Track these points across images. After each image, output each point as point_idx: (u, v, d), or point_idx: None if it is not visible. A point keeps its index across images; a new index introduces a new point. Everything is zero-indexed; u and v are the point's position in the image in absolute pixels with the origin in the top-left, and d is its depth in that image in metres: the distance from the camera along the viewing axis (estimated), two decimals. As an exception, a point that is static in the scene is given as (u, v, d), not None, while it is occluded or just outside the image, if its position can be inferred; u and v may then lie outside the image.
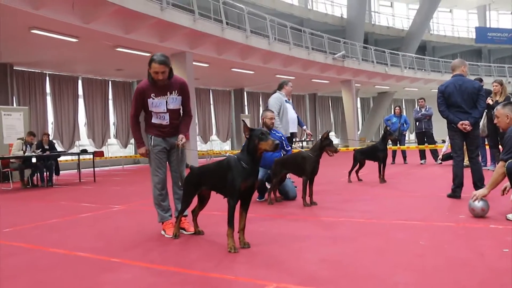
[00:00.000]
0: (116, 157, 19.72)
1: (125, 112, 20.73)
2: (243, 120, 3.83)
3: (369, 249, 3.47)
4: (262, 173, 6.23)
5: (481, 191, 4.51)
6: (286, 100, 7.66)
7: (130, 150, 21.35)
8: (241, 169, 3.53)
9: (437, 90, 6.02)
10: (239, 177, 3.51)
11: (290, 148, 6.77)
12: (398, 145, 12.71)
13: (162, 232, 4.33)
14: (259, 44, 17.50)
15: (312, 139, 15.61)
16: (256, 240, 3.84)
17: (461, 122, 5.62)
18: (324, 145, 5.79)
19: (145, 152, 4.32)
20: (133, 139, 20.19)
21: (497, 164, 9.06)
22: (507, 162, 4.27)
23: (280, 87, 7.56)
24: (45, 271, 3.31)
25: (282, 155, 6.49)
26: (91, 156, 12.24)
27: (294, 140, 8.23)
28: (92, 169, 12.27)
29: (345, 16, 31.44)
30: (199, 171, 4.05)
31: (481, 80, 9.05)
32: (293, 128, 7.69)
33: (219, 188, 3.81)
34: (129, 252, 3.72)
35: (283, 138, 6.67)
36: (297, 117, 8.30)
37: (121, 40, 13.48)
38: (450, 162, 10.98)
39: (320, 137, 5.90)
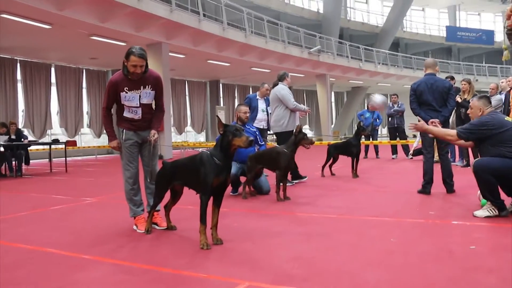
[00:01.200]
0: (89, 147, 19.39)
1: (99, 101, 20.32)
2: (217, 116, 3.76)
3: (342, 246, 3.47)
4: (236, 167, 6.20)
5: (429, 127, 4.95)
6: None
7: (103, 140, 20.99)
8: (213, 165, 3.48)
9: (409, 87, 6.08)
10: (211, 173, 3.46)
11: (264, 143, 6.74)
12: (371, 139, 12.83)
13: (134, 227, 4.25)
14: (235, 37, 17.40)
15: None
16: (229, 236, 3.80)
17: (431, 120, 5.67)
18: (299, 139, 5.77)
19: (116, 146, 4.21)
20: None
21: (465, 160, 9.26)
22: (475, 160, 4.34)
23: (282, 79, 7.48)
24: (9, 269, 3.15)
25: (256, 150, 6.46)
26: (63, 146, 11.96)
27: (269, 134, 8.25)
28: (64, 159, 11.98)
29: (321, 11, 31.51)
30: (172, 166, 3.98)
31: (452, 78, 9.20)
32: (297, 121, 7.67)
33: (192, 183, 3.76)
34: (99, 248, 3.62)
35: (257, 133, 6.64)
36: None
37: (96, 29, 13.19)
38: (421, 157, 11.15)
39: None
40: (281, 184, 5.75)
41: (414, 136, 14.54)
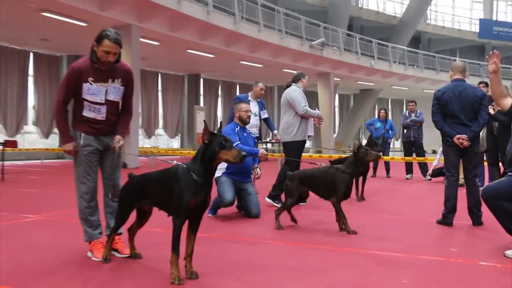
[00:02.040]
0: (34, 149, 19.19)
1: (49, 93, 20.16)
2: (204, 121, 3.77)
3: (342, 286, 3.49)
4: (232, 192, 6.23)
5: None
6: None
7: (53, 141, 20.86)
8: (191, 182, 3.49)
9: (430, 92, 6.15)
10: (188, 191, 3.47)
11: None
12: (382, 155, 12.92)
13: (89, 254, 4.22)
14: (222, 23, 17.43)
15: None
16: (207, 268, 3.79)
17: (457, 136, 5.73)
18: (361, 158, 5.60)
19: (72, 149, 4.17)
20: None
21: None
22: (482, 189, 4.38)
23: (297, 80, 7.59)
24: None
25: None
26: (0, 147, 11.81)
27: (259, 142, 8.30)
28: (1, 163, 11.82)
29: (327, -5, 31.79)
30: (140, 180, 3.97)
31: (486, 85, 9.23)
32: (311, 131, 7.76)
33: (163, 203, 3.76)
34: (44, 280, 3.58)
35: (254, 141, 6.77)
36: (268, 118, 8.39)
37: (49, 3, 13.13)
38: (441, 178, 11.36)
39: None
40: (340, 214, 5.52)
41: (434, 152, 14.66)
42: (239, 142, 6.26)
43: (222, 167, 6.20)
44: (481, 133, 8.68)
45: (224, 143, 3.46)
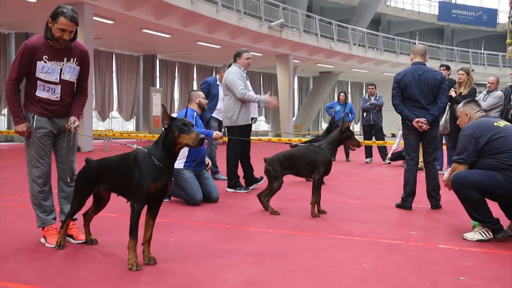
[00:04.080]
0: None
1: (-2, 72, 19.64)
2: (162, 105, 3.73)
3: (302, 271, 3.53)
4: (193, 176, 6.25)
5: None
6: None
7: (0, 124, 20.33)
8: (152, 167, 3.47)
9: (389, 75, 6.25)
10: (148, 176, 3.45)
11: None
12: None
13: (42, 240, 4.16)
14: (179, 2, 17.24)
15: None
16: (165, 254, 3.79)
17: (417, 120, 5.84)
18: (344, 138, 5.70)
19: (26, 130, 4.09)
20: (6, 108, 19.26)
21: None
22: (453, 175, 4.50)
23: (235, 58, 7.40)
24: None
25: (206, 148, 6.49)
26: None
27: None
28: None
29: (286, -25, 31.76)
30: (98, 165, 3.93)
31: (448, 68, 9.42)
32: (254, 112, 7.65)
33: (122, 188, 3.73)
34: (-4, 266, 3.52)
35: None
36: None
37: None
38: (400, 162, 11.60)
39: (336, 127, 5.75)
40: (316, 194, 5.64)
41: (393, 135, 14.93)
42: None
43: (182, 155, 6.16)
44: (444, 116, 8.93)
45: (182, 127, 3.44)
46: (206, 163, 6.70)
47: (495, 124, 4.55)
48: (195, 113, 6.50)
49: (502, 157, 4.32)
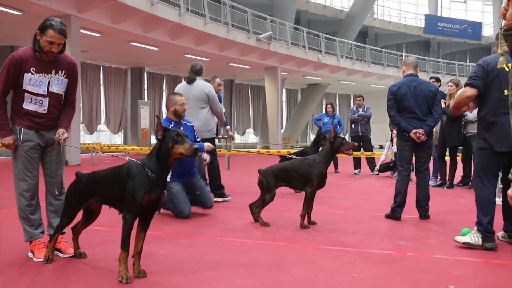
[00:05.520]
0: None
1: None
2: (157, 116, 3.73)
3: (293, 281, 3.53)
4: (181, 187, 6.23)
5: None
6: None
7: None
8: (145, 178, 3.47)
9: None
10: (142, 188, 3.45)
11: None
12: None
13: (30, 255, 4.11)
14: (167, 14, 17.30)
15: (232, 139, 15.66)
16: (155, 267, 3.78)
17: (414, 131, 5.88)
18: (337, 147, 5.68)
19: (12, 143, 4.06)
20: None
21: (439, 178, 9.68)
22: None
23: (199, 73, 7.50)
24: None
25: (196, 159, 6.47)
26: None
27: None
28: None
29: (274, -12, 31.94)
30: (89, 179, 3.91)
31: (438, 80, 9.52)
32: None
33: (115, 200, 3.71)
34: (-17, 281, 3.49)
35: (195, 131, 6.68)
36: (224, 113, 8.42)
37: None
38: (389, 173, 11.66)
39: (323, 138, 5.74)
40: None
41: (381, 147, 15.00)
42: None
43: None
44: (436, 127, 9.02)
45: (176, 138, 3.44)
46: (197, 169, 6.73)
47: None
48: (172, 124, 6.23)
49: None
